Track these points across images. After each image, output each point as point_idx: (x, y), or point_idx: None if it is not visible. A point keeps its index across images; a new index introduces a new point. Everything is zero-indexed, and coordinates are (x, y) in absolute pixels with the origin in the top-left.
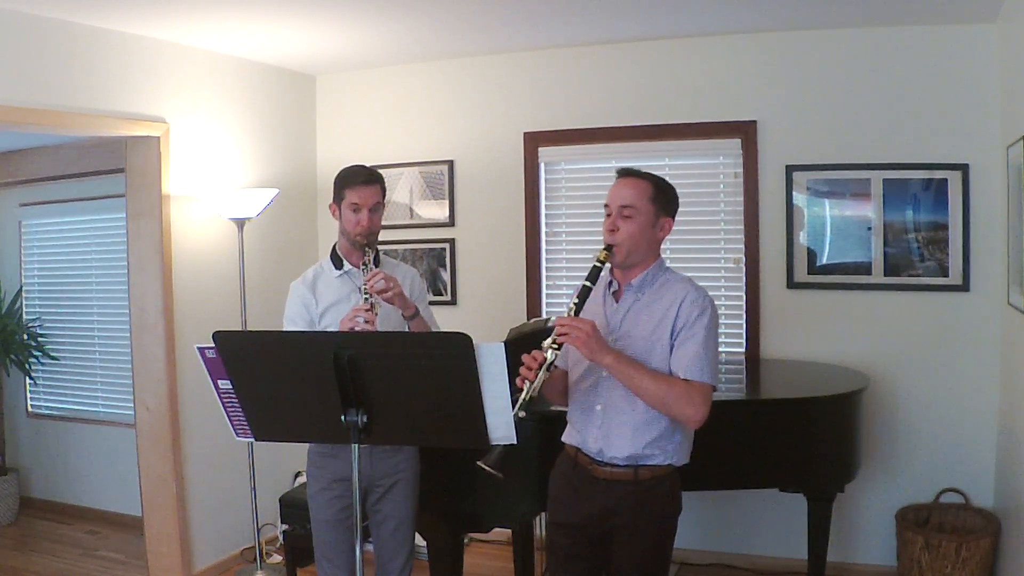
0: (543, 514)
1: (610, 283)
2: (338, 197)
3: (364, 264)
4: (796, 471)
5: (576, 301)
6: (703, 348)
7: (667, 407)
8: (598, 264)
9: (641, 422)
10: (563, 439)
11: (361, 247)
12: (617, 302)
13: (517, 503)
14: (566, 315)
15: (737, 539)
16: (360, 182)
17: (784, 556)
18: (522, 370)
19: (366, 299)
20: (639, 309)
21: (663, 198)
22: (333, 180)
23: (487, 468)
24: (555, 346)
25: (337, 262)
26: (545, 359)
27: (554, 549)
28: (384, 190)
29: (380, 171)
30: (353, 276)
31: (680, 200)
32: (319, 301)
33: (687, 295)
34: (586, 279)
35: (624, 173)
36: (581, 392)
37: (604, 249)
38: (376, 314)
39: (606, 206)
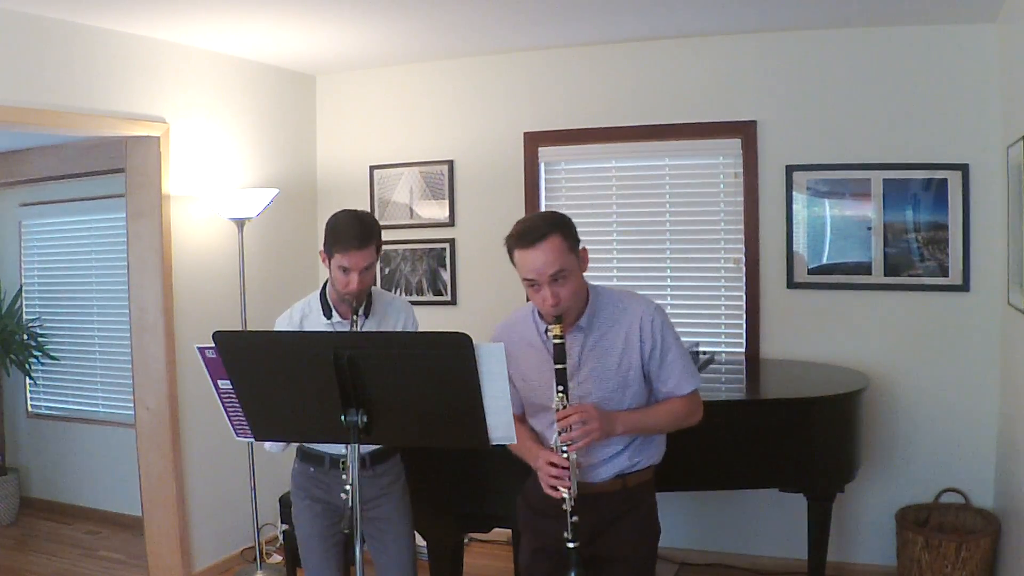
0: None
1: (546, 330)
2: (328, 251)
3: (353, 321)
4: (796, 471)
5: (560, 389)
6: (683, 359)
7: (679, 427)
8: (558, 341)
9: (616, 440)
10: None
11: (350, 304)
12: None
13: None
14: (556, 406)
15: (737, 539)
16: (353, 247)
17: (784, 556)
18: (551, 480)
19: None
20: (594, 345)
21: (573, 236)
22: (325, 225)
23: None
24: (569, 443)
25: (326, 309)
26: (569, 462)
27: None
28: (379, 246)
29: (380, 171)
30: (340, 328)
31: (680, 200)
32: None
33: (642, 315)
34: (555, 362)
35: (527, 243)
36: (542, 430)
37: (554, 323)
38: None
39: (528, 279)
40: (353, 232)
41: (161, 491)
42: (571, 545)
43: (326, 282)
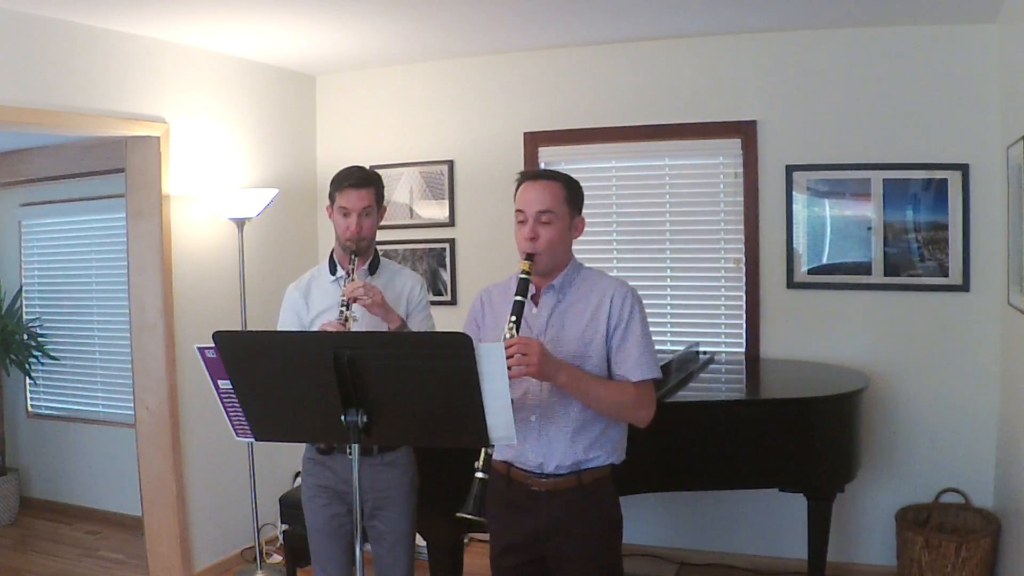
0: None
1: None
2: (331, 199)
3: (348, 273)
4: (796, 471)
5: (513, 319)
6: (643, 345)
7: (621, 414)
8: (524, 276)
9: (579, 425)
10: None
11: (351, 253)
12: (536, 305)
13: None
14: (505, 334)
15: (737, 539)
16: (349, 185)
17: (784, 556)
18: None
19: (341, 312)
20: (564, 310)
21: (575, 197)
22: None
23: (469, 517)
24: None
25: (332, 267)
26: None
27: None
28: (380, 193)
29: (380, 171)
30: (344, 283)
31: (680, 200)
32: (311, 307)
33: (615, 291)
34: (516, 294)
35: (531, 176)
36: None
37: (525, 259)
38: (349, 329)
39: (519, 211)
40: (351, 173)
41: (161, 491)
42: (479, 475)
43: (334, 247)
